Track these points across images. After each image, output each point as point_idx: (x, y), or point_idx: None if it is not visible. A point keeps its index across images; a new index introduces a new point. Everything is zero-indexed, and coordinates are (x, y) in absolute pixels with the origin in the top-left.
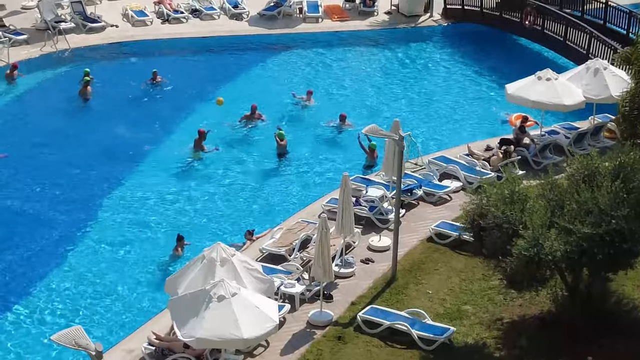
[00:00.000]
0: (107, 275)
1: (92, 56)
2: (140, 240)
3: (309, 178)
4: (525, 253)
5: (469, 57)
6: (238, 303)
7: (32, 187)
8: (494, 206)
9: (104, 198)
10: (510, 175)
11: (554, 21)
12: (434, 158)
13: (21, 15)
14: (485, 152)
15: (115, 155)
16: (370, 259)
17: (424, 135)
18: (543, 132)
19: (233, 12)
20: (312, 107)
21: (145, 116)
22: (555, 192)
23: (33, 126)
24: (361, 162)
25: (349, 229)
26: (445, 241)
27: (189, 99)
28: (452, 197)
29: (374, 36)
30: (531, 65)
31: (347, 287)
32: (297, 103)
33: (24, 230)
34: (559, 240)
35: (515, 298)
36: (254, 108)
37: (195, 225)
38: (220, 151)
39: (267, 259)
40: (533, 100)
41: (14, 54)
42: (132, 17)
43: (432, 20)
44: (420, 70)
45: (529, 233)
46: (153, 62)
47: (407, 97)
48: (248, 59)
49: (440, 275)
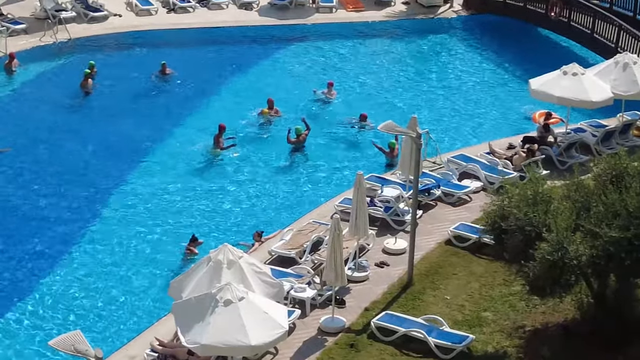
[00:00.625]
0: (109, 277)
1: (94, 47)
2: (146, 241)
3: (325, 176)
4: (549, 257)
5: (490, 50)
6: (245, 308)
7: (33, 183)
8: (516, 208)
9: (108, 196)
10: (534, 175)
11: (581, 12)
12: (453, 156)
13: (20, 3)
14: (507, 150)
15: (120, 151)
16: (385, 263)
17: (443, 133)
18: (569, 129)
19: (242, 1)
20: (332, 102)
21: (153, 110)
22: (581, 193)
23: (32, 120)
24: (383, 160)
25: (363, 230)
26: (465, 244)
27: (199, 92)
28: (472, 198)
29: (390, 27)
30: (556, 59)
31: (361, 292)
32: (318, 99)
33: (22, 228)
34: (584, 244)
35: (538, 305)
36: (271, 102)
37: (202, 225)
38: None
39: (277, 261)
40: (558, 96)
41: (12, 44)
42: (136, 6)
43: (452, 11)
44: (439, 63)
45: (553, 236)
46: (158, 54)
47: (425, 92)
48: (258, 51)
49: (458, 280)
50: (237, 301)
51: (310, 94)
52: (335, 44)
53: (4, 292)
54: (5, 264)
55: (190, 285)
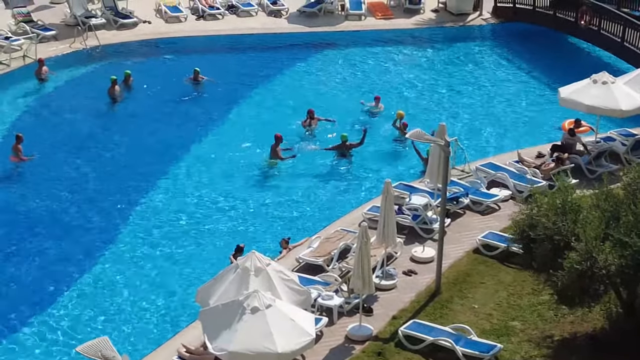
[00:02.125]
0: (137, 283)
1: (123, 53)
2: (175, 247)
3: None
4: (578, 267)
5: (520, 58)
6: (272, 315)
7: (60, 190)
8: (545, 216)
9: (139, 203)
10: (563, 184)
11: (611, 21)
12: (482, 165)
13: (50, 10)
14: (536, 159)
15: (152, 157)
16: (412, 271)
17: (472, 141)
18: (598, 138)
19: (272, 8)
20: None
21: (185, 116)
22: (610, 203)
23: (62, 126)
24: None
25: (391, 238)
26: (493, 253)
27: (232, 99)
28: (501, 207)
29: (420, 35)
30: (586, 67)
31: (388, 300)
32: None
33: (51, 235)
34: (613, 253)
35: (566, 314)
36: (312, 113)
37: (232, 232)
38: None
39: (304, 269)
40: (587, 104)
41: (42, 51)
42: (166, 12)
43: (482, 19)
44: (468, 71)
45: (582, 245)
46: (187, 60)
47: (454, 100)
48: (288, 58)
49: (486, 289)
50: (265, 308)
51: (344, 101)
52: (364, 51)
53: (31, 298)
54: (33, 270)
55: (217, 292)
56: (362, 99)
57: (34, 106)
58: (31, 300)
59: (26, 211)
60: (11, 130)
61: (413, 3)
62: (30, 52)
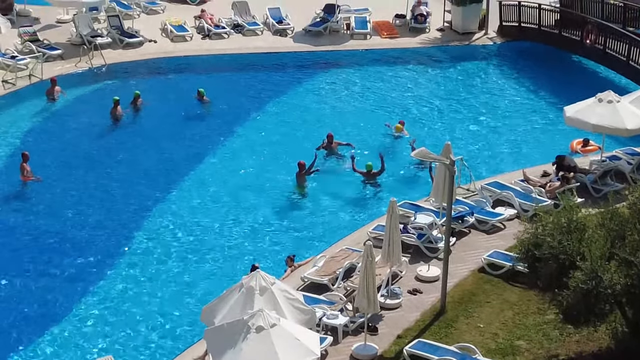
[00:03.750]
0: (143, 301)
1: (129, 72)
2: (183, 266)
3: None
4: (583, 286)
5: (525, 77)
6: (277, 334)
7: (67, 210)
8: (550, 236)
9: (143, 223)
10: (568, 203)
11: (617, 40)
12: (487, 184)
13: (56, 29)
14: (541, 178)
15: (158, 177)
16: (418, 290)
17: (477, 160)
18: (604, 157)
19: (277, 27)
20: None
21: (192, 136)
22: (615, 222)
23: (67, 145)
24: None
25: (396, 257)
26: (498, 272)
27: (238, 118)
28: (506, 226)
29: (425, 54)
30: (591, 86)
31: (393, 319)
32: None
33: (58, 253)
34: (619, 272)
35: (572, 334)
36: (331, 137)
37: (239, 249)
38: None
39: (309, 288)
40: (593, 123)
41: (47, 70)
42: (172, 32)
43: (487, 38)
44: (474, 90)
45: (587, 265)
46: (193, 79)
47: (460, 119)
48: (294, 77)
49: (492, 308)
50: (269, 328)
51: (351, 120)
52: (370, 70)
53: (38, 316)
54: (38, 288)
55: (222, 311)
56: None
57: (39, 125)
58: (36, 318)
59: (32, 229)
60: (17, 148)
61: (418, 22)
62: (36, 71)
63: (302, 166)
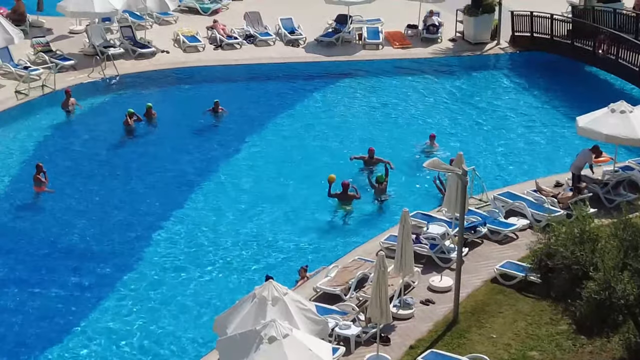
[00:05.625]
0: (154, 313)
1: (142, 83)
2: (192, 277)
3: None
4: (596, 296)
5: (537, 87)
6: (290, 345)
7: (80, 220)
8: (563, 246)
9: (156, 234)
10: (581, 213)
11: (629, 50)
12: (500, 194)
13: (69, 39)
14: (554, 188)
15: (172, 188)
16: (430, 300)
17: (489, 170)
18: (616, 167)
19: (289, 38)
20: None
21: (205, 147)
22: (628, 232)
23: (79, 157)
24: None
25: (408, 268)
26: (511, 282)
27: (251, 129)
28: (519, 236)
29: (437, 64)
30: (604, 96)
31: (406, 329)
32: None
33: (68, 264)
34: (632, 283)
35: (585, 344)
36: (372, 152)
37: (250, 261)
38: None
39: (322, 298)
40: (606, 133)
41: (60, 80)
42: (184, 42)
43: (499, 48)
44: (486, 100)
45: (600, 275)
46: (205, 90)
47: (472, 129)
48: (306, 88)
49: (504, 319)
50: (282, 338)
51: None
52: (382, 80)
53: (45, 327)
54: (49, 299)
55: (235, 321)
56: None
57: (52, 135)
58: (47, 331)
59: (44, 240)
60: (30, 159)
61: (430, 32)
62: (49, 81)
63: (346, 186)
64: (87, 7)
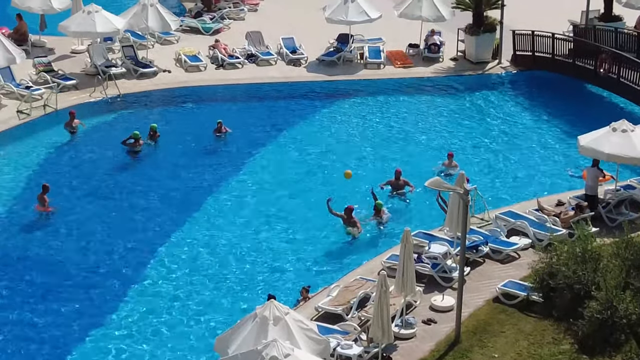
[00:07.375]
0: (156, 331)
1: (144, 102)
2: (194, 296)
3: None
4: (598, 316)
5: (539, 106)
6: None
7: (83, 240)
8: (565, 265)
9: (159, 253)
10: (583, 233)
11: (631, 69)
12: (501, 213)
13: (70, 59)
14: (556, 207)
15: (175, 209)
16: (432, 320)
17: (491, 189)
18: (618, 186)
19: (291, 57)
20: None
21: (208, 167)
22: (630, 251)
23: (81, 177)
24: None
25: (410, 287)
26: (513, 302)
27: (253, 149)
28: (521, 255)
29: (439, 83)
30: (605, 115)
31: (408, 349)
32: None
33: (72, 282)
34: (634, 302)
35: None
36: (399, 174)
37: (251, 281)
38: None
39: (323, 317)
40: (608, 152)
41: (62, 100)
42: (186, 62)
43: (501, 67)
44: (488, 119)
45: (602, 294)
46: (207, 109)
47: (473, 148)
48: (308, 107)
49: (507, 338)
50: (283, 358)
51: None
52: (383, 100)
53: (52, 344)
54: (54, 319)
55: (236, 341)
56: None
57: (54, 155)
58: (53, 350)
59: (47, 260)
60: (31, 178)
61: (432, 51)
62: (51, 101)
63: (349, 211)
64: (89, 27)
